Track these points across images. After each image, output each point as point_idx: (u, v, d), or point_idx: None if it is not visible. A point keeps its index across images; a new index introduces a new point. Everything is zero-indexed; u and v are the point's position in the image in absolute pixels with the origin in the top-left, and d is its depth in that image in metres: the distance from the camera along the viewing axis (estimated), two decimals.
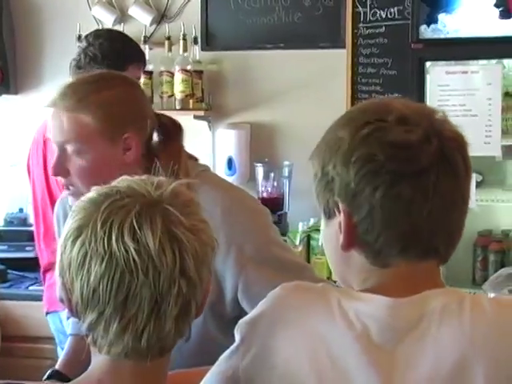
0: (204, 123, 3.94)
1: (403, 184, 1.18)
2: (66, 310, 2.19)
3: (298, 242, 3.60)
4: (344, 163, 1.21)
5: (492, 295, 2.22)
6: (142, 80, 3.50)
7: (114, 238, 1.13)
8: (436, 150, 1.19)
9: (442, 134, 1.20)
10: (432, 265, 1.24)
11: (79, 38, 3.82)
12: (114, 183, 1.22)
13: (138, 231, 1.13)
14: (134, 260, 1.12)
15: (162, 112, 4.28)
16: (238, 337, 1.29)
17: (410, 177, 1.18)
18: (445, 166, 1.19)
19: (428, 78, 3.31)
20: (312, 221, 3.64)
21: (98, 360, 1.21)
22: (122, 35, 3.27)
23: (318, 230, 3.40)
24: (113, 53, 3.02)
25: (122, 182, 1.22)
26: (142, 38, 3.85)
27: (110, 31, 3.31)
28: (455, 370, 1.16)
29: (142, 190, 1.18)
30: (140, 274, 1.12)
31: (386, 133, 1.20)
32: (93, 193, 1.20)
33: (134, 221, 1.14)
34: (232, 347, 1.29)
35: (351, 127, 1.23)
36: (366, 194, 1.20)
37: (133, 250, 1.12)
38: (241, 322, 1.30)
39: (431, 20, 3.28)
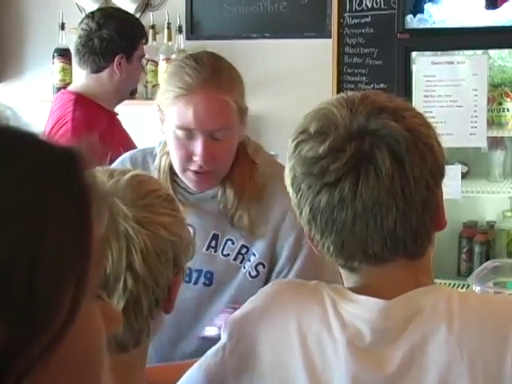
0: None
1: (321, 195, 1.17)
2: None
3: None
4: (285, 175, 1.24)
5: (477, 288, 2.20)
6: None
7: None
8: (353, 155, 1.15)
9: (372, 134, 1.16)
10: (403, 263, 1.21)
11: (62, 26, 3.78)
12: None
13: None
14: None
15: (146, 101, 4.21)
16: (224, 334, 1.27)
17: (326, 188, 1.17)
18: (367, 168, 1.15)
19: (414, 68, 3.29)
20: None
21: None
22: (128, 13, 3.24)
23: None
24: (129, 32, 2.99)
25: None
26: None
27: (116, 9, 3.25)
28: (441, 373, 1.15)
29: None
30: None
31: (303, 146, 1.19)
32: None
33: None
34: (218, 344, 1.28)
35: (293, 136, 1.23)
36: (301, 206, 1.21)
37: None
38: (230, 318, 1.28)
39: (417, 10, 3.26)
